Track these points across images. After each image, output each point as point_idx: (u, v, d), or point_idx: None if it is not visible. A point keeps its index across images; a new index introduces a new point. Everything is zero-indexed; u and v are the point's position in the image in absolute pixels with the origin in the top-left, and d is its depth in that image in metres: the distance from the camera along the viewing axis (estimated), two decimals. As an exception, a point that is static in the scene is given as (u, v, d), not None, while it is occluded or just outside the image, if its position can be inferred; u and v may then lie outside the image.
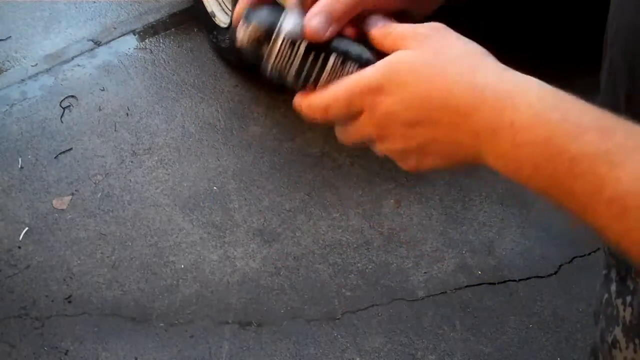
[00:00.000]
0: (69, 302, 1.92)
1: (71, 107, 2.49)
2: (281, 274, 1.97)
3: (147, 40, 2.73)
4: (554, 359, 1.77)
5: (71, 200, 2.18)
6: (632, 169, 0.41)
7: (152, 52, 2.68)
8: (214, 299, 1.93)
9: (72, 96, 2.52)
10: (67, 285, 1.96)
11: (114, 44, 2.73)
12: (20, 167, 2.29)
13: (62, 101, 2.50)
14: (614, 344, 0.71)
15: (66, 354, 1.81)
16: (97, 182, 2.23)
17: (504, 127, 0.45)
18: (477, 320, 1.86)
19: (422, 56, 0.49)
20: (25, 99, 2.53)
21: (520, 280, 1.96)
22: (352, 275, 1.96)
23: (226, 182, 2.22)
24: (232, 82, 2.55)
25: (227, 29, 2.47)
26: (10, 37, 2.82)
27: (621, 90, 0.58)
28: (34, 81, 2.60)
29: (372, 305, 1.90)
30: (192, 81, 2.55)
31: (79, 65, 2.65)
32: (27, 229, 2.10)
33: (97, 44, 2.74)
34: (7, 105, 2.51)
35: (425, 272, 1.97)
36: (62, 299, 1.93)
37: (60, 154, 2.32)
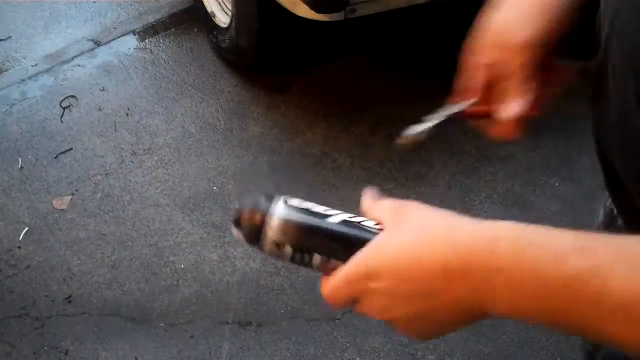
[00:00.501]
0: (69, 302, 1.92)
1: (71, 107, 2.49)
2: (281, 274, 1.97)
3: (147, 40, 2.73)
4: (554, 359, 1.77)
5: (71, 200, 2.18)
6: (622, 276, 0.44)
7: (152, 52, 2.68)
8: (214, 299, 1.93)
9: (72, 96, 2.52)
10: (67, 285, 1.96)
11: (114, 44, 2.73)
12: (20, 167, 2.29)
13: (62, 101, 2.51)
14: None
15: (66, 354, 1.81)
16: (97, 182, 2.23)
17: (494, 275, 0.48)
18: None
19: (405, 232, 0.53)
20: (25, 99, 2.53)
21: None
22: (352, 275, 1.96)
23: (226, 182, 2.22)
24: (232, 82, 2.55)
25: (227, 29, 2.47)
26: (10, 37, 2.82)
27: (630, 94, 0.57)
28: (34, 81, 2.60)
29: (372, 305, 1.90)
30: (192, 81, 2.55)
31: (79, 65, 2.65)
32: (27, 229, 2.10)
33: (97, 44, 2.74)
34: (7, 105, 2.51)
35: (425, 272, 1.97)
36: (62, 299, 1.93)
37: (60, 154, 2.32)
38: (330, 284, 0.57)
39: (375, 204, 0.58)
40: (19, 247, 2.05)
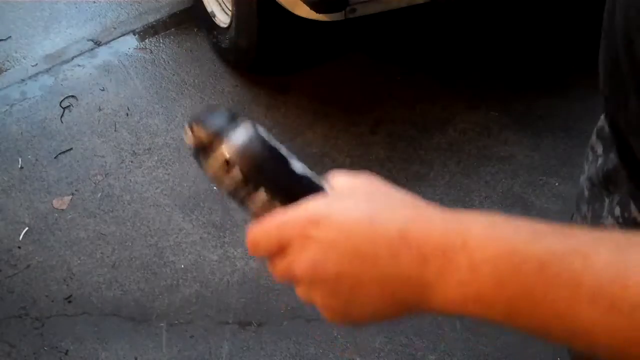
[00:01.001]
0: (69, 302, 1.92)
1: (71, 107, 2.49)
2: (281, 274, 1.97)
3: (147, 40, 2.73)
4: (554, 359, 1.77)
5: (71, 200, 2.18)
6: (606, 256, 0.37)
7: (152, 52, 2.68)
8: (214, 299, 1.93)
9: (72, 96, 2.52)
10: (67, 285, 1.96)
11: (114, 44, 2.73)
12: (20, 167, 2.29)
13: (62, 101, 2.50)
14: None
15: (66, 354, 1.81)
16: (97, 182, 2.23)
17: (456, 249, 0.41)
18: (477, 320, 1.86)
19: (368, 193, 0.47)
20: (25, 99, 2.53)
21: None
22: (352, 275, 1.96)
23: (226, 182, 2.22)
24: (232, 82, 2.55)
25: (227, 29, 2.47)
26: (10, 37, 2.81)
27: None
28: (34, 81, 2.60)
29: (372, 305, 1.90)
30: (192, 81, 2.55)
31: (79, 65, 2.65)
32: (27, 229, 2.10)
33: (97, 44, 2.74)
34: (7, 105, 2.51)
35: (425, 272, 1.97)
36: (62, 299, 1.93)
37: (60, 154, 2.32)
38: (261, 224, 0.49)
39: (343, 173, 0.51)
40: (19, 247, 2.05)
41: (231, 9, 2.42)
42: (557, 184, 2.17)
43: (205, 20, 2.60)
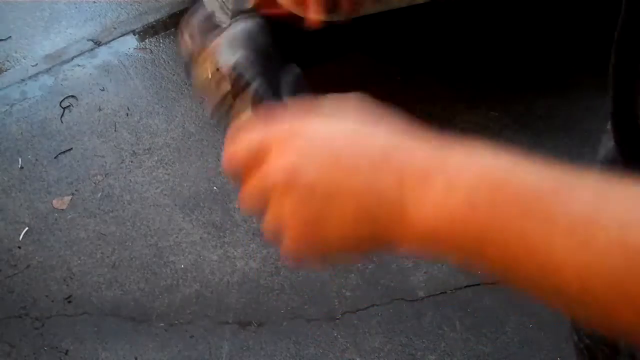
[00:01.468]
0: (69, 302, 1.92)
1: (71, 107, 2.49)
2: (281, 274, 1.97)
3: (147, 40, 2.73)
4: (554, 359, 1.77)
5: (71, 200, 2.18)
6: (585, 195, 0.37)
7: (152, 52, 2.68)
8: (214, 299, 1.92)
9: (72, 96, 2.52)
10: (67, 285, 1.96)
11: (114, 44, 2.73)
12: (20, 167, 2.29)
13: (62, 101, 2.51)
14: None
15: (66, 354, 1.81)
16: (97, 182, 2.23)
17: (435, 173, 0.41)
18: (477, 320, 1.86)
19: (362, 116, 0.46)
20: (25, 99, 2.53)
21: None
22: (352, 275, 1.96)
23: (226, 182, 2.22)
24: (232, 82, 2.54)
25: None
26: (10, 37, 2.82)
27: None
28: (34, 81, 2.60)
29: (372, 305, 1.90)
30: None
31: (79, 65, 2.65)
32: (27, 229, 2.10)
33: (97, 44, 2.74)
34: (7, 105, 2.51)
35: (425, 272, 1.97)
36: (62, 299, 1.93)
37: (60, 154, 2.32)
38: (242, 134, 0.48)
39: (335, 97, 0.50)
40: (19, 247, 2.05)
41: (231, 8, 2.42)
42: (557, 184, 2.17)
43: (205, 20, 2.60)
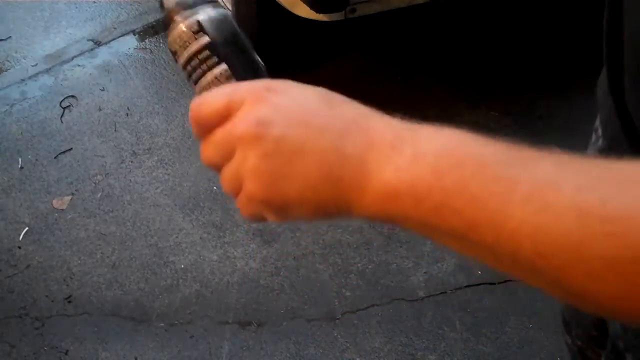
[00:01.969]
0: (69, 302, 1.92)
1: (71, 107, 2.49)
2: (281, 274, 1.97)
3: (147, 40, 2.73)
4: (554, 359, 1.77)
5: (71, 200, 2.18)
6: (545, 166, 0.38)
7: (152, 52, 2.68)
8: (214, 299, 1.93)
9: (72, 96, 2.52)
10: (67, 285, 1.96)
11: (114, 44, 2.73)
12: (20, 167, 2.29)
13: (62, 101, 2.51)
14: None
15: (66, 354, 1.81)
16: (97, 182, 2.23)
17: (403, 142, 0.42)
18: (477, 320, 1.86)
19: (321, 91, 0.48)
20: (25, 99, 2.53)
21: (520, 280, 1.96)
22: (352, 275, 1.96)
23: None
24: (232, 82, 2.55)
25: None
26: (10, 37, 2.82)
27: None
28: (34, 81, 2.60)
29: (372, 305, 1.90)
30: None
31: (79, 65, 2.65)
32: (27, 229, 2.10)
33: (97, 44, 2.74)
34: (7, 105, 2.51)
35: (425, 272, 1.97)
36: (62, 299, 1.93)
37: (60, 154, 2.32)
38: (214, 91, 0.48)
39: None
40: (19, 247, 2.05)
41: (231, 9, 2.42)
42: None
43: (205, 20, 2.60)
